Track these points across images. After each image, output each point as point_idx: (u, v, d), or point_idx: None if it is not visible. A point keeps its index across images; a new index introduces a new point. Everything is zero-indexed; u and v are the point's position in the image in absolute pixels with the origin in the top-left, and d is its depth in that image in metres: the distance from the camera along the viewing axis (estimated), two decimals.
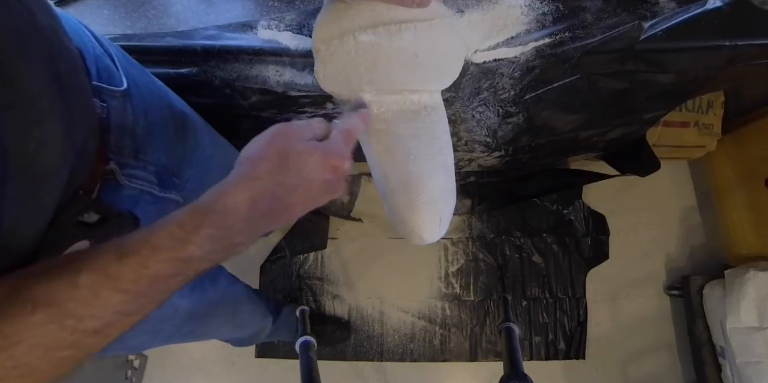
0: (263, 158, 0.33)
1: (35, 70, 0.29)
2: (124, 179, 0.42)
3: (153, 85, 0.52)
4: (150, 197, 0.45)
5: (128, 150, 0.43)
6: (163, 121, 0.51)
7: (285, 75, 0.61)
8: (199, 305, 0.66)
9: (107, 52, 0.45)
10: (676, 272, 1.38)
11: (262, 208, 0.32)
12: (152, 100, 0.49)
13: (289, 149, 0.34)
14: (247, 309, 0.89)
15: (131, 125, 0.44)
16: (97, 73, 0.42)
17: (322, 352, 1.29)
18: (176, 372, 1.32)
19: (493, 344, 1.33)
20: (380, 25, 0.43)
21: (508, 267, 1.37)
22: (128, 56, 0.50)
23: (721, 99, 1.17)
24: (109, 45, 0.47)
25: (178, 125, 0.54)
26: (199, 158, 0.59)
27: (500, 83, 0.65)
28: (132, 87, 0.45)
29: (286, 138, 0.35)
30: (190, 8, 0.61)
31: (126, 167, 0.42)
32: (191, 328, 0.69)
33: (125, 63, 0.47)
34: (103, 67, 0.43)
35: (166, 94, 0.55)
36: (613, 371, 1.32)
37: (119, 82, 0.43)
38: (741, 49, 0.60)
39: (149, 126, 0.46)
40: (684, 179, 1.46)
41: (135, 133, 0.44)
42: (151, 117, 0.47)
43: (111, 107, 0.41)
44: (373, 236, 1.38)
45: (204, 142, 0.60)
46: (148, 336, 0.62)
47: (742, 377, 1.10)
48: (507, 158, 1.02)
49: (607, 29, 0.57)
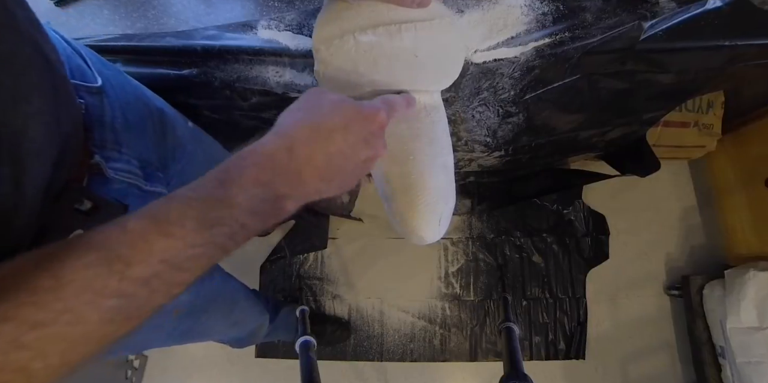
0: (299, 109, 0.34)
1: (22, 45, 0.29)
2: (111, 172, 0.42)
3: (127, 84, 0.53)
4: (138, 191, 0.46)
5: (110, 144, 0.44)
6: (141, 118, 0.51)
7: (285, 76, 0.61)
8: (195, 298, 0.66)
9: (77, 52, 0.46)
10: (676, 272, 1.38)
11: (301, 154, 0.31)
12: (128, 98, 0.50)
13: (322, 100, 0.34)
14: (243, 306, 0.89)
15: (110, 121, 0.44)
16: (71, 72, 0.42)
17: (322, 352, 1.29)
18: (176, 372, 1.32)
19: (493, 344, 1.33)
20: (380, 26, 0.43)
21: (508, 267, 1.37)
22: (100, 57, 0.51)
23: (721, 99, 1.17)
24: (80, 47, 0.48)
25: (156, 122, 0.55)
26: (181, 154, 0.60)
27: (500, 83, 0.65)
28: (106, 85, 0.45)
29: (321, 93, 0.36)
30: (190, 8, 0.61)
31: (110, 160, 0.43)
32: (189, 325, 0.69)
33: (98, 63, 0.48)
34: (75, 65, 0.44)
35: (142, 93, 0.55)
36: (613, 371, 1.32)
37: (93, 80, 0.44)
38: (741, 49, 0.60)
39: (127, 122, 0.47)
40: (684, 179, 1.46)
41: (114, 128, 0.45)
42: (128, 114, 0.48)
43: (88, 103, 0.42)
44: (373, 236, 1.38)
45: (184, 138, 0.61)
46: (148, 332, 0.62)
47: (742, 377, 1.10)
48: (507, 158, 1.02)
49: (607, 29, 0.57)
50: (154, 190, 0.48)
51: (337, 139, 0.33)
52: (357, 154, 0.34)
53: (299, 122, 0.33)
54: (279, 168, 0.31)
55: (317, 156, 0.32)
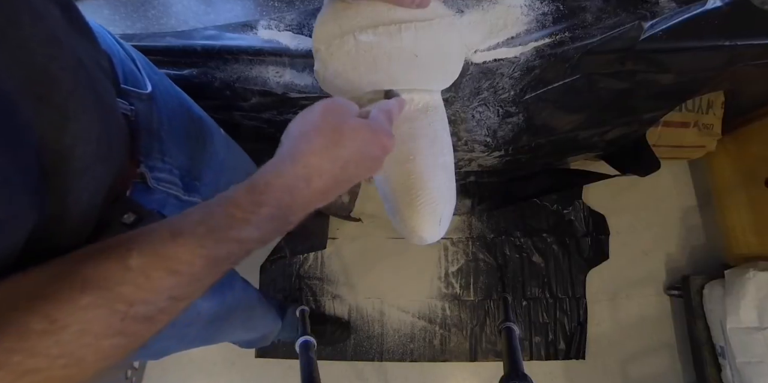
0: (319, 134, 0.33)
1: (69, 65, 0.28)
2: (153, 182, 0.41)
3: (172, 89, 0.53)
4: (175, 201, 0.45)
5: (156, 153, 0.43)
6: (184, 125, 0.51)
7: (285, 76, 0.61)
8: (219, 308, 0.66)
9: (130, 57, 0.45)
10: (676, 272, 1.38)
11: (318, 185, 0.31)
12: (173, 104, 0.49)
13: (343, 124, 0.34)
14: (259, 313, 0.90)
15: (157, 129, 0.44)
16: (124, 77, 0.42)
17: (322, 352, 1.29)
18: (176, 372, 1.31)
19: (493, 344, 1.33)
20: (380, 26, 0.43)
21: (508, 267, 1.37)
22: (149, 62, 0.50)
23: (721, 99, 1.17)
24: (131, 50, 0.47)
25: (196, 130, 0.54)
26: (215, 163, 0.59)
27: (500, 83, 0.65)
28: (155, 91, 0.45)
29: (339, 113, 0.35)
30: (190, 8, 0.61)
31: (154, 170, 0.42)
32: (211, 332, 0.69)
33: (147, 68, 0.48)
34: (128, 70, 0.43)
35: (185, 99, 0.55)
36: (613, 371, 1.32)
37: (144, 86, 0.43)
38: (741, 49, 0.60)
39: (172, 130, 0.46)
40: (684, 179, 1.46)
41: (160, 136, 0.44)
42: (173, 121, 0.47)
43: (138, 109, 0.41)
44: (373, 236, 1.38)
45: (218, 146, 0.61)
46: (173, 341, 0.62)
47: (742, 377, 1.10)
48: (507, 158, 1.02)
49: (607, 29, 0.57)
50: (191, 199, 0.48)
51: (351, 168, 0.34)
52: (360, 178, 0.36)
53: (317, 151, 0.32)
54: (296, 201, 0.31)
55: (330, 184, 0.33)
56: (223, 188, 0.31)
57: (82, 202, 0.31)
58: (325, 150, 0.32)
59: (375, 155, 0.35)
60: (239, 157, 0.71)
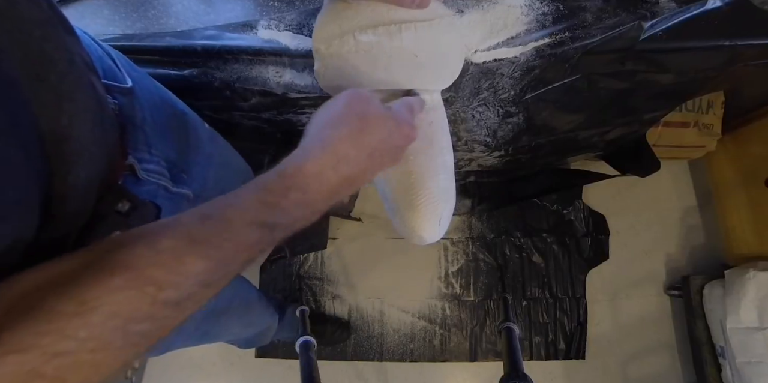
0: (345, 121, 0.33)
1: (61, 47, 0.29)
2: (143, 173, 0.42)
3: (153, 85, 0.53)
4: (165, 193, 0.46)
5: (142, 145, 0.43)
6: (167, 119, 0.51)
7: (285, 76, 0.61)
8: (216, 301, 0.66)
9: (108, 54, 0.46)
10: (676, 272, 1.38)
11: (345, 172, 0.32)
12: (154, 99, 0.50)
13: (368, 112, 0.34)
14: (257, 307, 0.90)
15: (140, 122, 0.44)
16: (103, 72, 0.42)
17: (322, 352, 1.29)
18: (176, 372, 1.31)
19: (493, 344, 1.33)
20: (380, 26, 0.43)
21: (508, 267, 1.37)
22: (128, 59, 0.51)
23: (721, 99, 1.17)
24: (109, 48, 0.48)
25: (180, 124, 0.55)
26: (201, 157, 0.60)
27: (500, 83, 0.65)
28: (136, 86, 0.45)
29: (364, 102, 0.35)
30: (190, 8, 0.61)
31: (143, 161, 0.42)
32: (209, 327, 0.69)
33: (127, 65, 0.48)
34: (107, 67, 0.44)
35: (167, 95, 0.55)
36: (613, 371, 1.32)
37: (124, 81, 0.44)
38: (741, 49, 0.60)
39: (156, 124, 0.47)
40: (684, 179, 1.46)
41: (144, 129, 0.45)
42: (155, 116, 0.48)
43: (121, 103, 0.42)
44: (373, 236, 1.38)
45: (203, 140, 0.61)
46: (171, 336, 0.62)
47: (742, 377, 1.10)
48: (507, 158, 1.02)
49: (607, 29, 0.57)
50: (180, 191, 0.48)
51: (376, 155, 0.34)
52: (383, 167, 0.36)
53: (345, 138, 0.32)
54: (324, 188, 0.31)
55: (356, 171, 0.33)
56: (212, 182, 0.31)
57: (81, 185, 0.31)
58: (352, 137, 0.33)
59: (399, 144, 0.36)
60: (228, 153, 0.71)
